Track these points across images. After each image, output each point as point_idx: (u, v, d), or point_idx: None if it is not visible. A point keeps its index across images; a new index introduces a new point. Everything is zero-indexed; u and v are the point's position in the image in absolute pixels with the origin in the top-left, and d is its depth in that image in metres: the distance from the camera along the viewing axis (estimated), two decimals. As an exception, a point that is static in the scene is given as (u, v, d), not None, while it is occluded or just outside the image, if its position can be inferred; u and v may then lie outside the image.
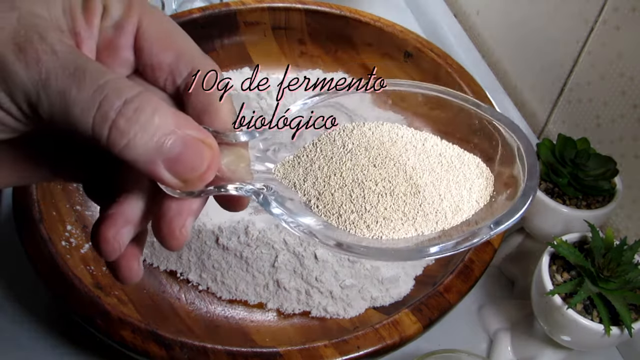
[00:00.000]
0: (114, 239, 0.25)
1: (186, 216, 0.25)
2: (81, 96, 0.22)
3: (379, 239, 0.27)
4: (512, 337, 0.53)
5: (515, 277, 0.58)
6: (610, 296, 0.43)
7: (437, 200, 0.28)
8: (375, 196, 0.28)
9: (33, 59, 0.22)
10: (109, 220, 0.25)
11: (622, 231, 0.57)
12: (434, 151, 0.29)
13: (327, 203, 0.28)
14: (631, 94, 0.53)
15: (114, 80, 0.22)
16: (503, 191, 0.29)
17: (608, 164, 0.49)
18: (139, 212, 0.26)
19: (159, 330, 0.44)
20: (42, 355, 0.53)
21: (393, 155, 0.29)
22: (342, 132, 0.30)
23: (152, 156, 0.23)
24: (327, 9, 0.70)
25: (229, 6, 0.69)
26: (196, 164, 0.24)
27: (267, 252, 0.52)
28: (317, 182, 0.28)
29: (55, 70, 0.22)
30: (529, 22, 0.68)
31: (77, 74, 0.22)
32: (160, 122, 0.22)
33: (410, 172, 0.28)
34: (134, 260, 0.27)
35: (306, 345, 0.44)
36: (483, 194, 0.29)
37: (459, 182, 0.28)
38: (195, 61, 0.27)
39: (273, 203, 0.26)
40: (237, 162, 0.26)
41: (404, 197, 0.28)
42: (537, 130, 0.69)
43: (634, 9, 0.52)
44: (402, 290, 0.53)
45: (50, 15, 0.24)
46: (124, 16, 0.26)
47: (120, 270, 0.27)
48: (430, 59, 0.65)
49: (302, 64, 0.72)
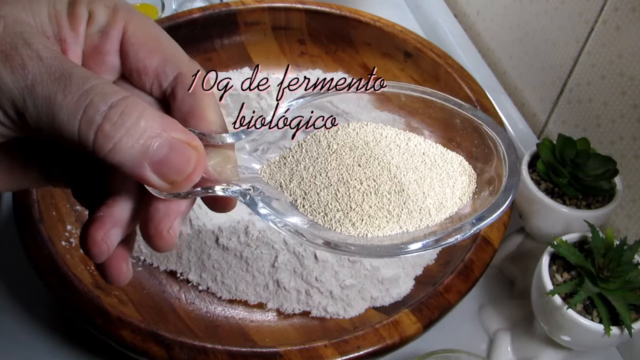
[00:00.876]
0: (102, 241, 0.25)
1: (174, 217, 0.26)
2: (67, 101, 0.22)
3: (365, 237, 0.28)
4: (512, 337, 0.53)
5: (515, 277, 0.58)
6: (610, 296, 0.43)
7: (420, 197, 0.28)
8: (360, 195, 0.28)
9: (19, 65, 0.22)
10: (97, 222, 0.25)
11: (622, 231, 0.57)
12: (417, 150, 0.30)
13: (313, 202, 0.28)
14: (631, 94, 0.53)
15: (100, 85, 0.22)
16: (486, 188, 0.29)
17: (608, 164, 0.49)
18: (127, 214, 0.26)
19: (158, 330, 0.44)
20: (42, 355, 0.53)
21: (377, 155, 0.29)
22: (327, 132, 0.30)
23: (139, 159, 0.23)
24: (327, 9, 0.70)
25: (229, 6, 0.69)
26: (182, 166, 0.24)
27: (267, 252, 0.52)
28: (303, 182, 0.29)
29: (40, 76, 0.22)
30: (529, 22, 0.68)
31: (62, 79, 0.22)
32: (146, 126, 0.23)
33: (394, 170, 0.29)
34: (122, 262, 0.27)
35: (306, 345, 0.44)
36: (466, 191, 0.29)
37: (442, 179, 0.29)
38: (181, 65, 0.27)
39: (260, 203, 0.27)
40: (223, 164, 0.27)
41: (389, 195, 0.28)
42: (537, 130, 0.69)
43: (634, 9, 0.52)
44: (402, 290, 0.53)
45: (35, 22, 0.24)
46: (110, 22, 0.26)
47: (109, 272, 0.27)
48: (430, 59, 0.65)
49: (302, 64, 0.72)
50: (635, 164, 0.54)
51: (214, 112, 0.27)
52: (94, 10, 0.26)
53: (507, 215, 0.52)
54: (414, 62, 0.67)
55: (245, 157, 0.29)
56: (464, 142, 0.31)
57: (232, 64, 0.71)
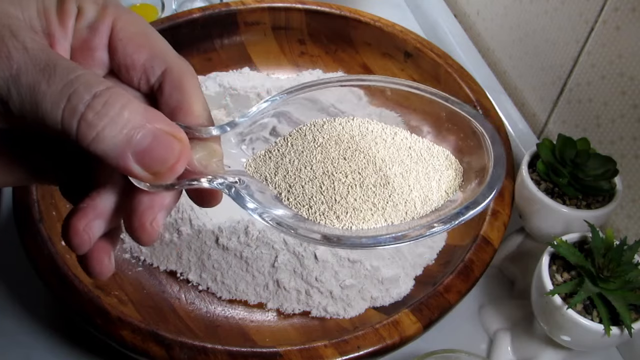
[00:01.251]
0: (84, 231, 0.25)
1: (157, 210, 0.26)
2: (51, 90, 0.22)
3: (349, 229, 0.28)
4: (512, 337, 0.53)
5: (515, 277, 0.58)
6: (610, 296, 0.43)
7: (406, 190, 0.29)
8: (345, 188, 0.28)
9: (4, 55, 0.22)
10: (79, 212, 0.25)
11: (622, 231, 0.57)
12: (403, 144, 0.30)
13: (298, 195, 0.28)
14: (631, 94, 0.53)
15: (84, 75, 0.23)
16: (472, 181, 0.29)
17: (608, 164, 0.49)
18: (110, 206, 0.26)
19: (158, 330, 0.44)
20: (42, 355, 0.53)
21: (363, 148, 0.29)
22: (313, 127, 0.31)
23: (121, 149, 0.23)
24: (327, 9, 0.70)
25: (229, 6, 0.69)
26: (166, 156, 0.24)
27: (267, 252, 0.52)
28: (288, 175, 0.29)
29: (26, 66, 0.22)
30: (529, 22, 0.68)
31: (47, 69, 0.22)
32: (129, 116, 0.23)
33: (379, 164, 0.29)
34: (104, 255, 0.27)
35: (306, 345, 0.44)
36: (452, 184, 0.29)
37: (428, 173, 0.29)
38: (169, 60, 0.27)
39: (246, 197, 0.27)
40: (209, 157, 0.27)
41: (374, 188, 0.28)
42: (537, 130, 0.69)
43: (634, 9, 0.52)
44: (402, 290, 0.53)
45: (24, 16, 0.24)
46: (99, 17, 0.26)
47: (90, 264, 0.27)
48: (430, 59, 0.65)
49: (302, 64, 0.72)
50: (635, 164, 0.54)
51: (201, 106, 0.27)
52: (83, 7, 0.26)
53: (507, 216, 0.52)
54: (414, 62, 0.67)
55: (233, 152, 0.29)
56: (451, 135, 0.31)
57: (232, 64, 0.71)
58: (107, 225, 0.26)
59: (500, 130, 0.59)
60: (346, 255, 0.52)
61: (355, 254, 0.52)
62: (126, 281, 0.53)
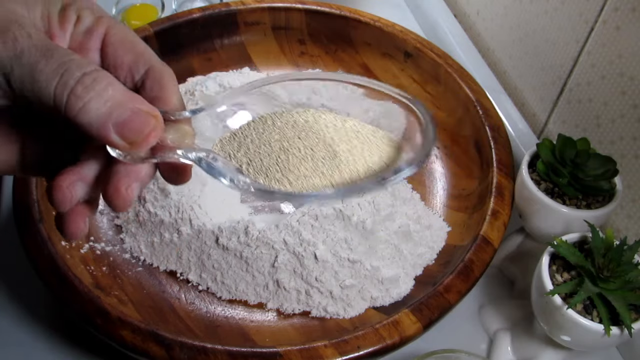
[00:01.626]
0: (67, 188, 0.28)
1: (133, 179, 0.29)
2: (47, 68, 0.26)
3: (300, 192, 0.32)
4: (512, 337, 0.53)
5: (515, 277, 0.58)
6: (610, 296, 0.43)
7: (352, 162, 0.33)
8: (298, 160, 0.33)
9: (10, 39, 0.26)
10: (64, 174, 0.29)
11: (622, 231, 0.57)
12: (352, 129, 0.35)
13: (257, 167, 0.32)
14: (631, 94, 0.53)
15: (78, 59, 0.26)
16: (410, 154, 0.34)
17: (608, 164, 0.49)
18: (92, 173, 0.29)
19: (158, 330, 0.44)
20: (42, 355, 0.53)
21: (316, 130, 0.34)
22: (273, 114, 0.35)
23: (104, 119, 0.26)
24: (327, 9, 0.70)
25: (229, 6, 0.69)
26: (142, 127, 0.27)
27: (267, 252, 0.52)
28: (249, 151, 0.33)
29: (28, 49, 0.26)
30: (529, 22, 0.68)
31: (47, 52, 0.26)
32: (113, 92, 0.27)
33: (329, 142, 0.34)
34: (81, 219, 0.30)
35: (306, 345, 0.44)
36: (393, 158, 0.34)
37: (371, 150, 0.34)
38: (152, 62, 0.30)
39: (216, 167, 0.30)
40: (181, 138, 0.30)
41: (323, 160, 0.33)
42: (537, 130, 0.69)
43: (634, 9, 0.52)
44: (402, 290, 0.53)
45: (29, 16, 0.28)
46: (94, 25, 0.30)
47: (67, 224, 0.30)
48: (430, 59, 0.65)
49: (302, 64, 0.72)
50: (635, 164, 0.54)
51: (177, 99, 0.31)
52: (81, 15, 0.30)
53: (507, 216, 0.52)
54: (414, 62, 0.67)
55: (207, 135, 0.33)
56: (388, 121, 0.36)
57: (232, 64, 0.71)
58: (88, 191, 0.29)
59: (500, 130, 0.59)
60: (346, 255, 0.52)
61: (356, 255, 0.52)
62: (126, 281, 0.53)
